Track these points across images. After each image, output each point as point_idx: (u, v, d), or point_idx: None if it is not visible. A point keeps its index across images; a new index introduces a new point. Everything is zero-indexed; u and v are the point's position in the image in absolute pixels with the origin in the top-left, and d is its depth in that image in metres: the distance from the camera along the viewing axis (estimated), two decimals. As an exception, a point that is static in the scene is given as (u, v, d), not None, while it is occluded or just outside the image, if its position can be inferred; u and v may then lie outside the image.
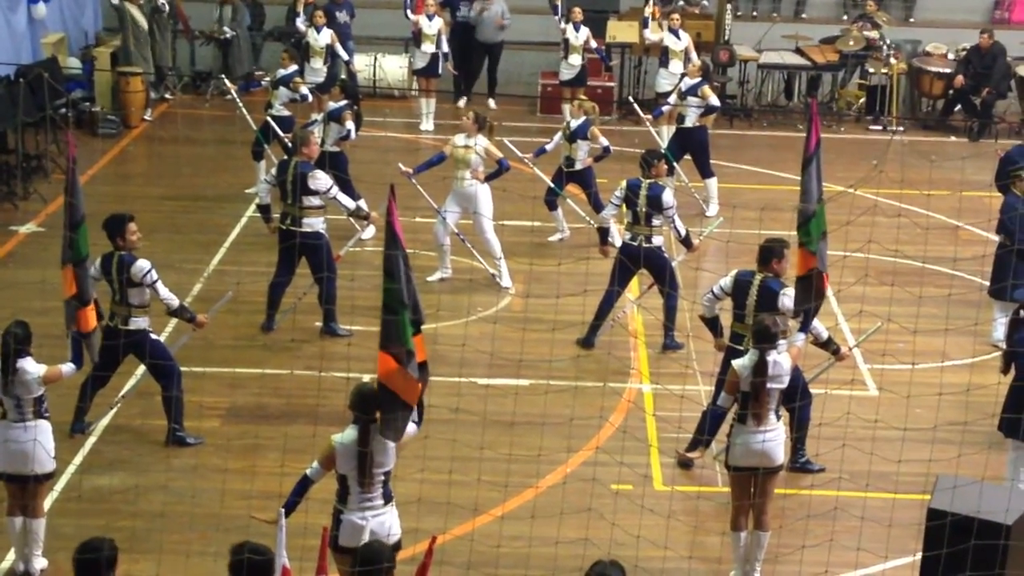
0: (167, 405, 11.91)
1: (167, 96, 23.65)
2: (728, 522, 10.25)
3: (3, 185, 17.93)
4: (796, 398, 11.00)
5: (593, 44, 22.26)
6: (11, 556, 10.10)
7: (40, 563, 9.99)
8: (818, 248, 9.93)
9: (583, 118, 16.62)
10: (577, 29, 22.04)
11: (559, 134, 17.01)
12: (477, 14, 23.81)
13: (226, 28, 23.73)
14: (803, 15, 26.32)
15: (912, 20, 26.16)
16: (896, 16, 25.57)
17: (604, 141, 16.62)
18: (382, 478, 8.74)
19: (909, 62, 24.11)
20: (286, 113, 18.13)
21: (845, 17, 25.98)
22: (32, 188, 18.26)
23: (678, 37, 21.29)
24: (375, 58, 24.48)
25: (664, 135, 19.70)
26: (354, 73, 22.94)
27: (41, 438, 9.81)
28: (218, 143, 21.19)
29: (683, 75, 19.50)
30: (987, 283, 14.74)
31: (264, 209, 14.58)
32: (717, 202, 18.26)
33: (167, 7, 23.01)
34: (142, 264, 11.67)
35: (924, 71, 23.96)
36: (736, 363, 10.13)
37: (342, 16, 23.24)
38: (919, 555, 8.96)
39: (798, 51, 24.38)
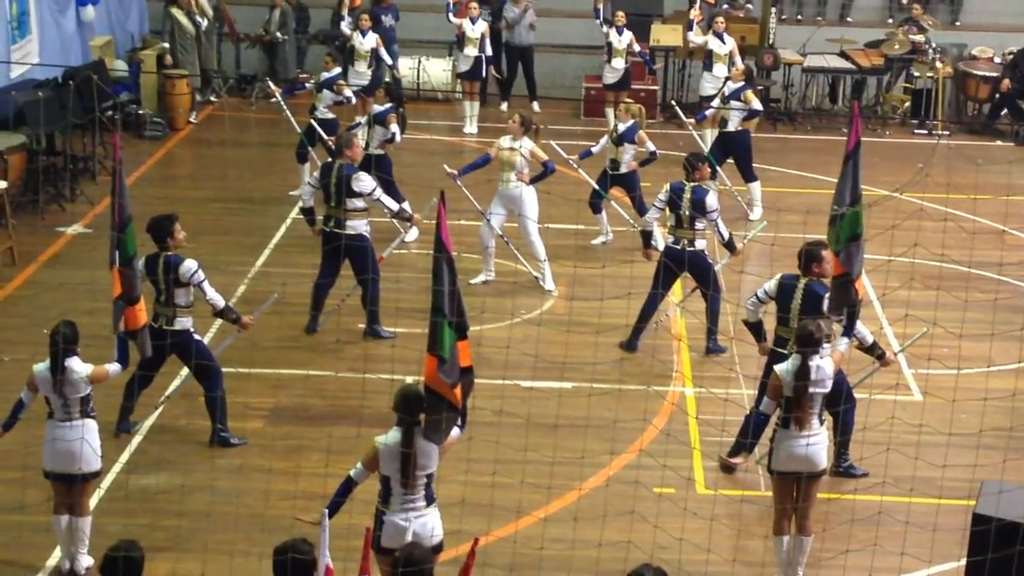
0: (210, 405, 11.97)
1: (213, 99, 23.78)
2: (771, 526, 10.23)
3: (51, 187, 18.06)
4: (840, 402, 10.96)
5: (636, 48, 22.23)
6: (57, 554, 10.18)
7: (86, 561, 10.05)
8: (844, 251, 9.90)
9: (631, 122, 16.60)
10: (620, 33, 22.02)
11: (605, 137, 17.00)
12: (515, 17, 23.76)
13: (278, 33, 23.83)
14: (848, 19, 26.21)
15: (958, 23, 26.01)
16: (942, 20, 25.43)
17: (651, 146, 16.60)
18: (425, 480, 8.74)
19: (955, 66, 23.98)
20: (330, 116, 18.22)
21: (890, 20, 25.86)
22: (79, 190, 18.40)
23: (722, 41, 21.29)
24: (419, 61, 24.54)
25: (707, 139, 19.68)
26: (399, 77, 23.00)
27: (88, 437, 9.89)
28: (263, 146, 21.32)
29: (727, 79, 19.48)
30: (1033, 288, 14.67)
31: (308, 212, 14.66)
32: (761, 206, 18.22)
33: (204, 23, 23.12)
34: (189, 264, 11.74)
35: (970, 75, 23.83)
36: (778, 368, 10.10)
37: (387, 20, 23.33)
38: (963, 561, 8.92)
39: (843, 55, 24.29)
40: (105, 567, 7.59)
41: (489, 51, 22.82)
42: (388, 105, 16.86)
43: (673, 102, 21.55)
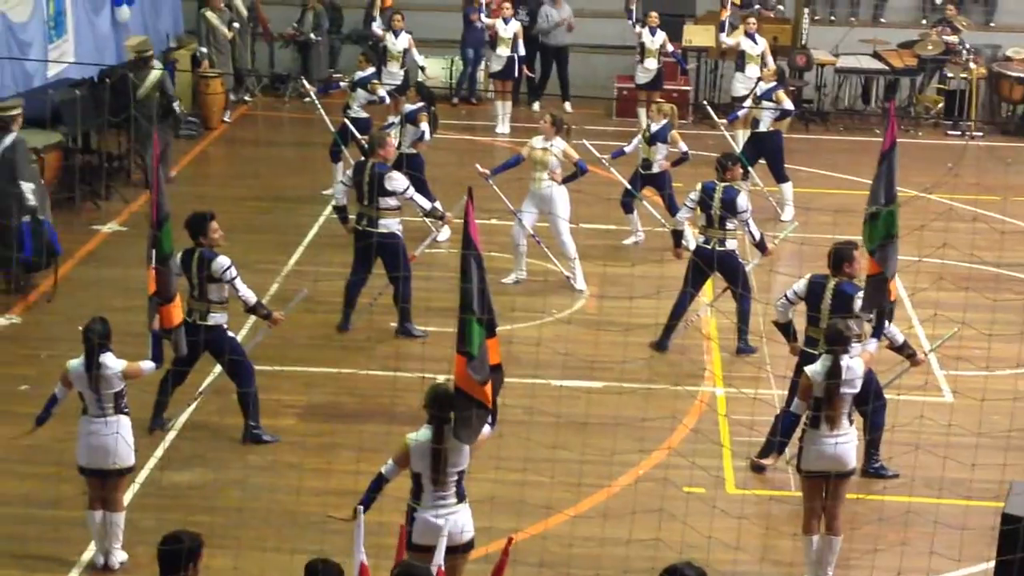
0: (243, 402, 12.06)
1: (246, 98, 23.90)
2: (800, 526, 10.25)
3: (86, 185, 18.19)
4: (870, 402, 10.97)
5: (669, 48, 22.26)
6: (92, 549, 10.27)
7: (120, 556, 10.15)
8: (878, 251, 9.92)
9: (664, 121, 16.62)
10: (653, 33, 22.04)
11: (638, 137, 17.01)
12: (549, 26, 23.81)
13: (312, 34, 23.92)
14: (881, 19, 26.16)
15: (992, 24, 25.91)
16: (976, 20, 25.34)
17: (684, 146, 16.63)
18: (456, 477, 8.78)
19: (989, 67, 23.91)
20: (364, 115, 18.31)
21: (924, 21, 25.78)
22: (114, 188, 18.51)
23: (755, 41, 21.29)
24: (451, 61, 24.62)
25: (739, 139, 19.69)
26: (481, 76, 23.99)
27: (122, 432, 9.97)
28: (297, 145, 21.41)
29: (758, 79, 19.49)
30: (1064, 290, 14.64)
31: (340, 210, 14.71)
32: (792, 206, 18.22)
33: (238, 27, 23.24)
34: (222, 260, 11.81)
35: (1004, 76, 23.75)
36: (808, 369, 10.11)
37: (477, 21, 23.69)
38: (993, 561, 8.94)
39: (876, 55, 24.24)
40: (165, 557, 7.53)
41: (522, 51, 22.92)
42: (419, 104, 16.95)
43: (705, 102, 21.57)
